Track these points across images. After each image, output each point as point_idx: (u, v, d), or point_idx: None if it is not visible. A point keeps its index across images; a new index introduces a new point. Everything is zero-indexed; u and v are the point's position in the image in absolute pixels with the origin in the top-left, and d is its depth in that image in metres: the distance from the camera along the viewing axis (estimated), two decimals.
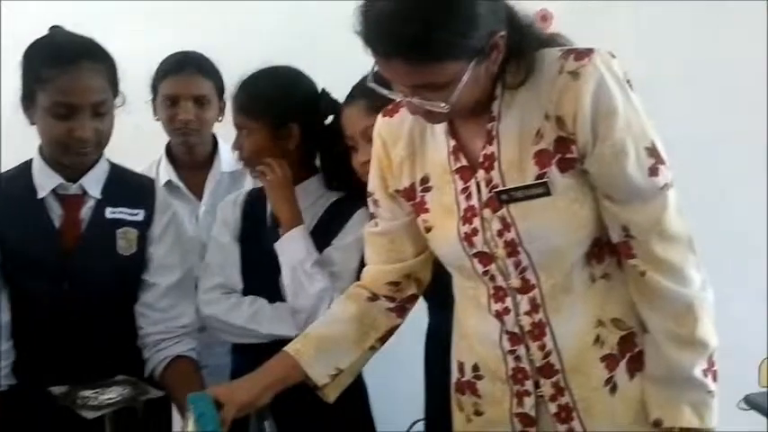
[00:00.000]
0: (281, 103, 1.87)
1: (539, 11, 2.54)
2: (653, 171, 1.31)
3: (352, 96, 1.81)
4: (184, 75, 2.26)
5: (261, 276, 1.87)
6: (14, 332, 1.74)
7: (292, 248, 1.81)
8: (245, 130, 1.88)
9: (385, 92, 1.34)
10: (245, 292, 1.87)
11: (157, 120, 2.31)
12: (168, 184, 2.27)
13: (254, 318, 1.83)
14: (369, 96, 1.67)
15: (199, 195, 2.31)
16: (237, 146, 1.91)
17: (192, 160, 2.33)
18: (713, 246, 1.45)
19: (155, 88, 2.30)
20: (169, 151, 2.35)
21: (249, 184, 2.14)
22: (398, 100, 1.39)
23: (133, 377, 1.62)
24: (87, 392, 1.55)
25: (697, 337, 1.34)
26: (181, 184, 2.30)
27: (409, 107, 1.36)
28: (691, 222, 1.36)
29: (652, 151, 1.31)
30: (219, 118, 2.32)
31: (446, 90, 1.28)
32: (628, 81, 1.33)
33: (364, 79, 1.76)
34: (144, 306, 1.81)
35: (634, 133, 1.30)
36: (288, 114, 1.87)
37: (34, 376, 1.70)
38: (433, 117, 1.36)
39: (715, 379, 1.36)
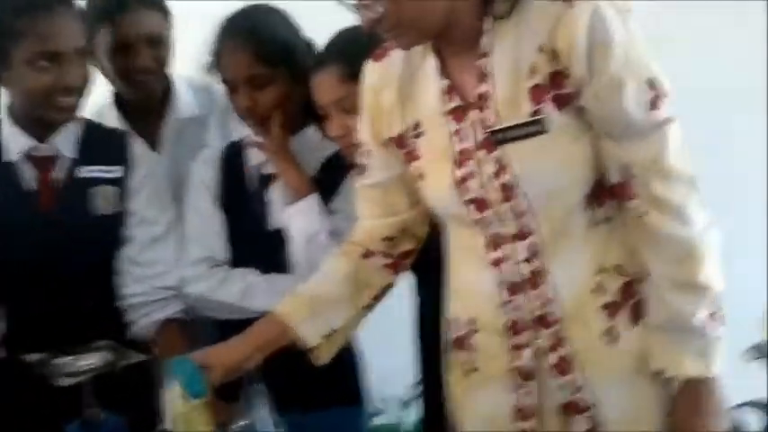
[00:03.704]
0: (299, 46, 1.74)
1: None
2: (653, 104, 1.25)
3: (322, 61, 1.66)
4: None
5: (248, 244, 1.77)
6: None
7: (306, 219, 1.70)
8: (258, 81, 1.69)
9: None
10: (233, 263, 1.77)
11: None
12: None
13: (247, 293, 1.73)
14: (343, 60, 1.58)
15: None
16: (247, 101, 1.71)
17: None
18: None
19: None
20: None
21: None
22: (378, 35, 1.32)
23: (114, 342, 1.57)
24: (64, 359, 1.51)
25: (699, 282, 1.28)
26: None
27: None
28: None
29: (652, 83, 1.25)
30: None
31: None
32: (627, 10, 1.26)
33: (336, 40, 1.68)
34: (126, 262, 1.74)
35: (633, 65, 1.24)
36: (304, 57, 1.72)
37: (18, 346, 1.64)
38: (401, 39, 1.31)
39: (721, 323, 1.29)
